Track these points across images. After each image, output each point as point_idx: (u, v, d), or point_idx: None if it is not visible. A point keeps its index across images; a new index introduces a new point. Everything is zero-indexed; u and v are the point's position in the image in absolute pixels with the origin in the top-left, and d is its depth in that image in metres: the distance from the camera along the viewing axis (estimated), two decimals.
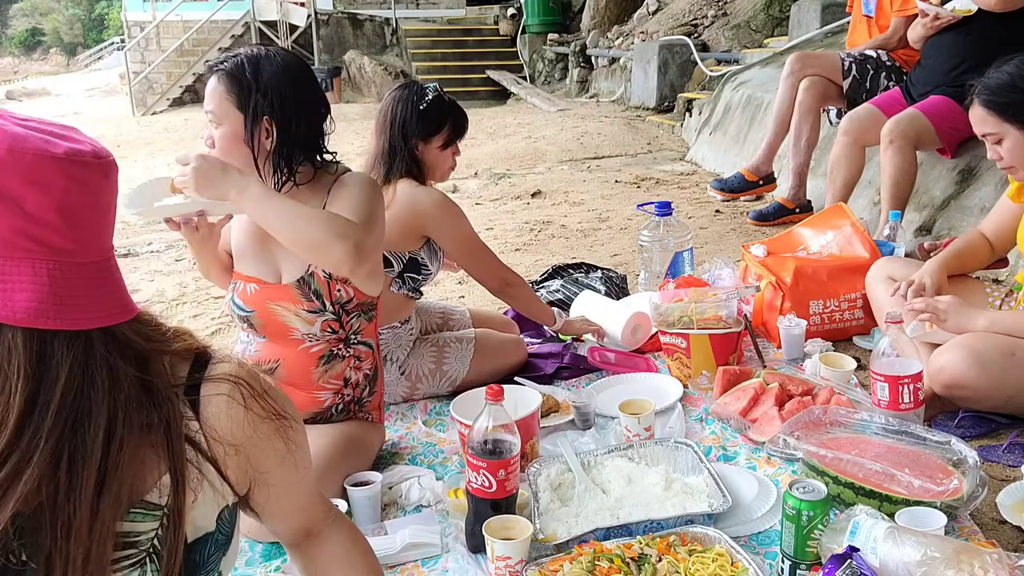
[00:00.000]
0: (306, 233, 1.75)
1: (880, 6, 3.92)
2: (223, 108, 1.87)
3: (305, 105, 1.91)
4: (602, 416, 2.21)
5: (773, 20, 8.19)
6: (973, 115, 2.19)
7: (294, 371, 1.95)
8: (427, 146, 2.42)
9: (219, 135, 1.89)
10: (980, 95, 2.15)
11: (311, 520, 1.21)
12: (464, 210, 2.49)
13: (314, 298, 1.90)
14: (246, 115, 1.86)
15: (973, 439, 1.99)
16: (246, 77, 1.86)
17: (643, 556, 1.51)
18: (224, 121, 1.87)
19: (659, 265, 3.02)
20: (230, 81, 1.86)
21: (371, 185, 1.95)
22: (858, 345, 2.62)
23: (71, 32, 39.09)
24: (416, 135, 2.39)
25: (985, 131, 2.17)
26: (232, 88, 1.86)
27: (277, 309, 1.92)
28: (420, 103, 2.39)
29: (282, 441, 1.06)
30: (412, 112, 2.38)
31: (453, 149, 2.50)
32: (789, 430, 1.85)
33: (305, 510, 1.19)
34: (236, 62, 1.88)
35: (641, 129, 7.59)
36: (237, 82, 1.86)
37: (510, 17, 13.67)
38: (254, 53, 1.91)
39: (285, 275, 1.93)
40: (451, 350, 2.44)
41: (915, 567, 1.33)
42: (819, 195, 4.03)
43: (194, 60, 14.64)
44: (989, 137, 2.18)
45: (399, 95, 2.43)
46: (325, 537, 1.23)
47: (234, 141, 1.88)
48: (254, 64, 1.87)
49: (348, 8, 14.79)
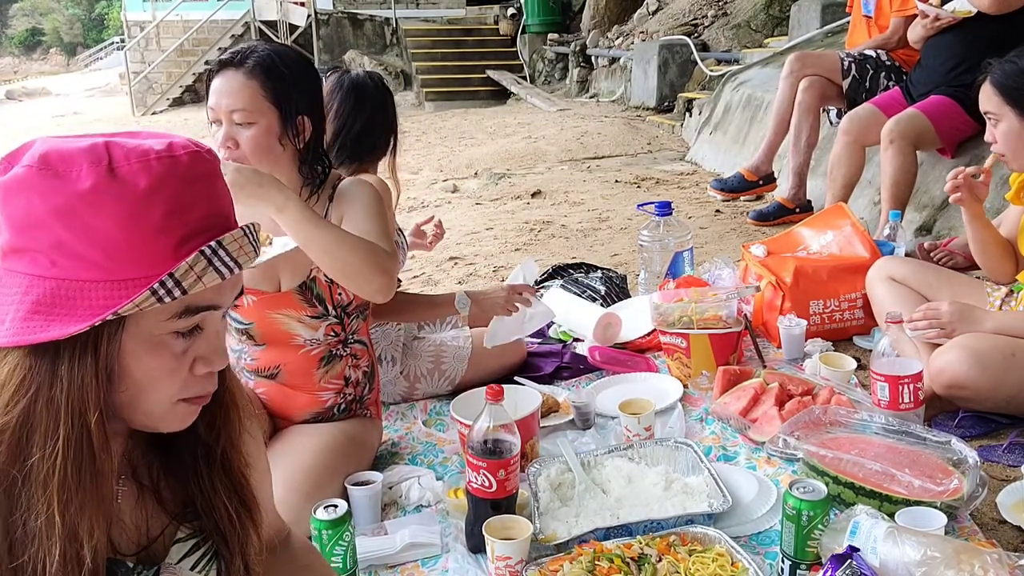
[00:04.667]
0: (348, 263, 1.71)
1: (880, 6, 3.92)
2: (257, 104, 1.75)
3: (321, 104, 1.88)
4: (602, 416, 2.21)
5: (773, 20, 8.19)
6: (982, 91, 2.26)
7: (295, 374, 1.94)
8: None
9: (250, 135, 1.76)
10: (993, 73, 2.23)
11: (272, 527, 1.21)
12: (464, 210, 2.49)
13: (317, 303, 1.89)
14: (282, 111, 1.77)
15: (973, 439, 1.99)
16: (280, 70, 1.77)
17: (643, 556, 1.51)
18: (259, 119, 1.76)
19: (659, 265, 3.02)
20: (266, 75, 1.76)
21: (377, 197, 1.91)
22: (858, 345, 2.62)
23: (71, 32, 39.10)
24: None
25: (988, 109, 2.25)
26: (268, 83, 1.76)
27: (279, 318, 1.89)
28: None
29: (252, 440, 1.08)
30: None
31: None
32: (789, 430, 1.85)
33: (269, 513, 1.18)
34: (263, 55, 1.77)
35: (641, 129, 7.58)
36: (273, 75, 1.76)
37: (510, 17, 13.66)
38: (272, 47, 1.83)
39: (285, 282, 1.90)
40: (449, 349, 2.44)
41: (915, 567, 1.33)
42: (819, 195, 4.03)
43: (194, 60, 14.65)
44: (990, 116, 2.25)
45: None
46: (282, 547, 1.24)
47: (269, 140, 1.78)
48: (281, 57, 1.79)
49: (348, 8, 14.79)
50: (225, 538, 1.00)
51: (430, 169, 6.41)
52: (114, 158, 0.81)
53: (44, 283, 0.81)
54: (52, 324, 0.80)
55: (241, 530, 1.01)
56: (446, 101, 12.30)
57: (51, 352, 0.81)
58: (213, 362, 0.90)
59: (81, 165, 0.80)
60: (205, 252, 0.83)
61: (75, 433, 0.82)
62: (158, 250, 0.82)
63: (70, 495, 0.82)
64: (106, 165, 0.80)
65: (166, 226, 0.82)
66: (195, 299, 0.85)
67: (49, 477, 0.81)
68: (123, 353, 0.84)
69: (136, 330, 0.84)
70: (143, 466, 0.98)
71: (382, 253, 1.75)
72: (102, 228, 0.80)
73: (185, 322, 0.86)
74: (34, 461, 0.81)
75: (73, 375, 0.81)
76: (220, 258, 0.84)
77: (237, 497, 1.01)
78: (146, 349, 0.85)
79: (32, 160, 0.81)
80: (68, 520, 0.82)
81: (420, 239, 2.87)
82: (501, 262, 3.92)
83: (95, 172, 0.80)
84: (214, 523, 1.00)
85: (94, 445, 0.83)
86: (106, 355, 0.83)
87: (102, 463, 0.84)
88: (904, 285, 2.37)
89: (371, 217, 1.84)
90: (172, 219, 0.82)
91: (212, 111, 1.79)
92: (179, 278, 0.81)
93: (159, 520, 0.98)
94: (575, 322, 2.75)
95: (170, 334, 0.86)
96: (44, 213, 0.80)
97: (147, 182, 0.81)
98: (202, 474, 0.99)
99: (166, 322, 0.85)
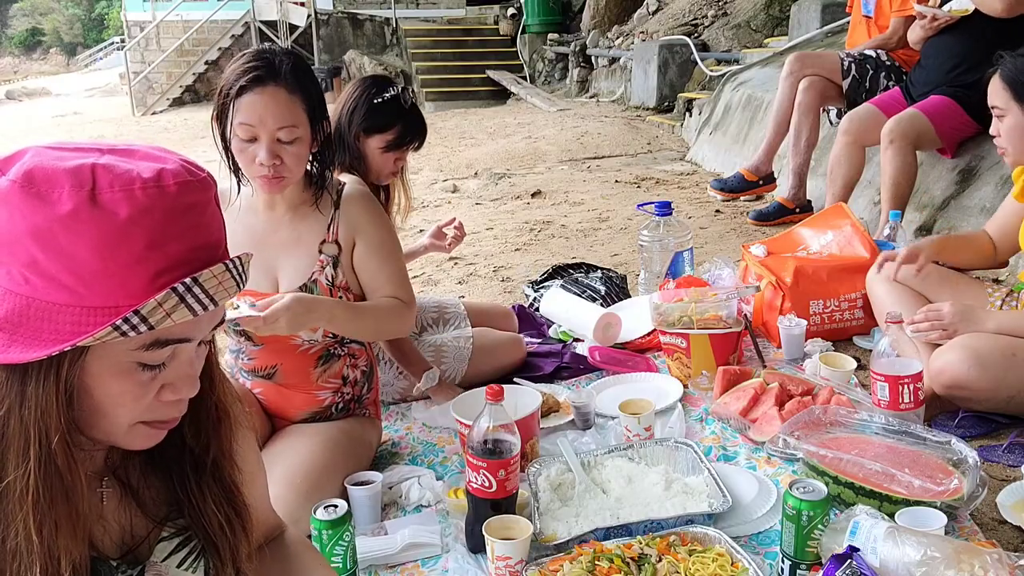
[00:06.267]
0: (382, 332, 2.02)
1: (879, 6, 3.92)
2: (301, 118, 1.74)
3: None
4: (602, 416, 2.21)
5: (773, 20, 8.19)
6: (992, 84, 2.25)
7: (293, 373, 1.95)
8: (367, 140, 2.32)
9: (294, 151, 1.75)
10: (1004, 67, 2.22)
11: (266, 525, 1.21)
12: (464, 210, 2.49)
13: None
14: (313, 121, 1.77)
15: (973, 439, 1.99)
16: (310, 79, 1.77)
17: (643, 556, 1.51)
18: (303, 133, 1.75)
19: (659, 265, 3.02)
20: (302, 88, 1.74)
21: (388, 224, 1.99)
22: (858, 345, 2.62)
23: (71, 32, 39.10)
24: (359, 126, 2.31)
25: (995, 103, 2.24)
26: (305, 96, 1.74)
27: None
28: (376, 96, 2.31)
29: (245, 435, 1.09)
30: (365, 102, 2.31)
31: (396, 155, 2.37)
32: (789, 430, 1.85)
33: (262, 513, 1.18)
34: (295, 65, 1.74)
35: (641, 129, 7.58)
36: (308, 86, 1.75)
37: (510, 17, 13.65)
38: (289, 53, 1.80)
39: (283, 284, 1.89)
40: (449, 349, 2.44)
41: (915, 567, 1.33)
42: (819, 195, 4.03)
43: (194, 60, 14.66)
44: (996, 110, 2.24)
45: (363, 83, 2.37)
46: (277, 546, 1.24)
47: (307, 152, 1.79)
48: (306, 64, 1.79)
49: (348, 8, 14.79)
50: (216, 545, 0.99)
51: (430, 169, 6.42)
52: (98, 184, 0.79)
53: (15, 299, 0.79)
54: (14, 345, 0.79)
55: (232, 537, 1.00)
56: (446, 101, 12.30)
57: (20, 372, 0.80)
58: (181, 390, 0.88)
59: (63, 187, 0.78)
60: (178, 289, 0.80)
61: (42, 453, 0.81)
62: (133, 281, 0.79)
63: (44, 514, 0.81)
64: (88, 191, 0.78)
65: (144, 258, 0.79)
66: (165, 333, 0.83)
67: (23, 496, 0.81)
68: (86, 374, 0.82)
69: (102, 352, 0.82)
70: (126, 467, 0.97)
71: (404, 310, 1.92)
72: (78, 254, 0.78)
73: (153, 354, 0.84)
74: (9, 480, 0.80)
75: (39, 396, 0.80)
76: (194, 295, 0.81)
77: (229, 505, 1.00)
78: (111, 374, 0.83)
79: (17, 175, 0.79)
80: (45, 538, 0.81)
81: (440, 240, 2.77)
82: (501, 262, 3.92)
83: (76, 197, 0.78)
84: (203, 530, 0.99)
85: (59, 466, 0.82)
86: (67, 377, 0.81)
87: (71, 483, 0.83)
88: (904, 285, 2.37)
89: (390, 258, 1.93)
90: (151, 251, 0.80)
91: (247, 128, 1.72)
92: (146, 315, 0.79)
93: (143, 520, 0.97)
94: (575, 322, 2.75)
95: (137, 364, 0.84)
96: (22, 231, 0.78)
97: (128, 212, 0.79)
98: (190, 480, 0.98)
99: (134, 351, 0.83)
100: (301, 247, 1.89)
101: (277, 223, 1.90)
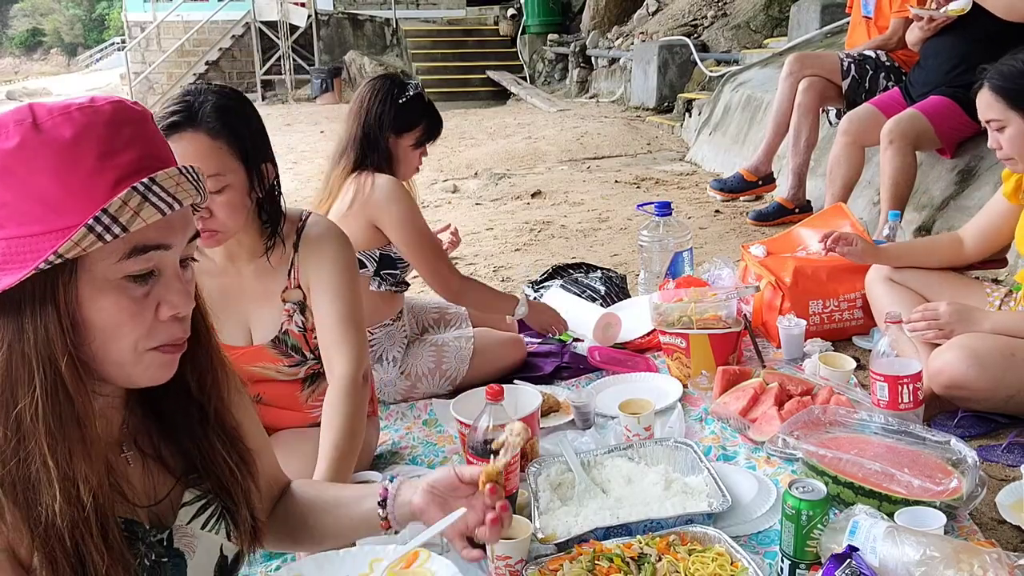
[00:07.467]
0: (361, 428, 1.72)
1: (879, 7, 3.92)
2: (228, 165, 1.60)
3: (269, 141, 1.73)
4: (602, 416, 2.21)
5: (773, 20, 8.19)
6: (980, 99, 2.18)
7: (279, 398, 1.91)
8: (398, 141, 2.35)
9: (224, 201, 1.60)
10: (991, 79, 2.15)
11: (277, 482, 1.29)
12: (464, 210, 2.49)
13: (293, 353, 1.84)
14: (248, 164, 1.64)
15: (972, 439, 1.99)
16: (238, 118, 1.62)
17: (643, 556, 1.51)
18: (232, 180, 1.60)
19: (659, 265, 3.03)
20: (229, 130, 1.59)
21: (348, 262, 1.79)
22: (858, 345, 2.63)
23: (71, 32, 39.08)
24: (390, 127, 2.33)
25: (990, 117, 2.17)
26: (232, 138, 1.60)
27: (255, 370, 1.84)
28: (400, 96, 2.33)
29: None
30: (391, 104, 2.32)
31: (422, 150, 2.43)
32: (789, 430, 1.85)
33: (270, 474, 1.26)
34: (218, 105, 1.60)
35: (641, 129, 7.58)
36: (236, 127, 1.61)
37: (510, 17, 13.66)
38: (217, 91, 1.64)
39: (257, 336, 1.82)
40: (450, 349, 2.44)
41: (914, 567, 1.33)
42: (819, 195, 4.03)
43: (195, 61, 14.65)
44: (992, 123, 2.17)
45: (380, 84, 2.38)
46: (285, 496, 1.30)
47: (242, 199, 1.64)
48: (234, 102, 1.64)
49: (348, 8, 14.79)
50: (229, 491, 1.06)
51: (430, 169, 6.42)
52: (37, 115, 0.85)
53: None
54: (2, 278, 0.84)
55: (242, 480, 1.07)
56: (446, 101, 12.26)
57: (14, 308, 0.85)
58: (177, 305, 0.93)
59: (8, 126, 0.85)
60: (138, 188, 0.85)
61: (49, 381, 0.86)
62: (95, 194, 0.85)
63: (56, 440, 0.86)
64: (30, 122, 0.85)
65: (99, 168, 0.85)
66: (140, 238, 0.88)
67: (35, 425, 0.85)
68: (82, 301, 0.88)
69: (90, 276, 0.87)
70: (143, 434, 1.03)
71: (355, 395, 1.70)
72: (37, 181, 0.84)
73: (135, 263, 0.89)
74: (20, 412, 0.85)
75: (37, 326, 0.86)
76: (156, 194, 0.86)
77: (234, 451, 1.07)
78: (103, 294, 0.88)
79: None
80: (60, 464, 0.86)
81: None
82: (501, 262, 3.93)
83: (20, 129, 0.84)
84: (216, 478, 1.05)
85: (69, 389, 0.87)
86: (65, 303, 0.86)
87: (81, 406, 0.88)
88: (903, 285, 2.37)
89: (336, 300, 1.73)
90: (104, 161, 0.85)
91: None
92: (115, 214, 0.84)
93: (166, 484, 1.04)
94: (575, 322, 2.75)
95: (126, 279, 0.89)
96: None
97: (72, 131, 0.85)
98: (199, 433, 1.04)
99: (117, 264, 0.88)
100: (267, 298, 1.80)
101: (242, 277, 1.81)
